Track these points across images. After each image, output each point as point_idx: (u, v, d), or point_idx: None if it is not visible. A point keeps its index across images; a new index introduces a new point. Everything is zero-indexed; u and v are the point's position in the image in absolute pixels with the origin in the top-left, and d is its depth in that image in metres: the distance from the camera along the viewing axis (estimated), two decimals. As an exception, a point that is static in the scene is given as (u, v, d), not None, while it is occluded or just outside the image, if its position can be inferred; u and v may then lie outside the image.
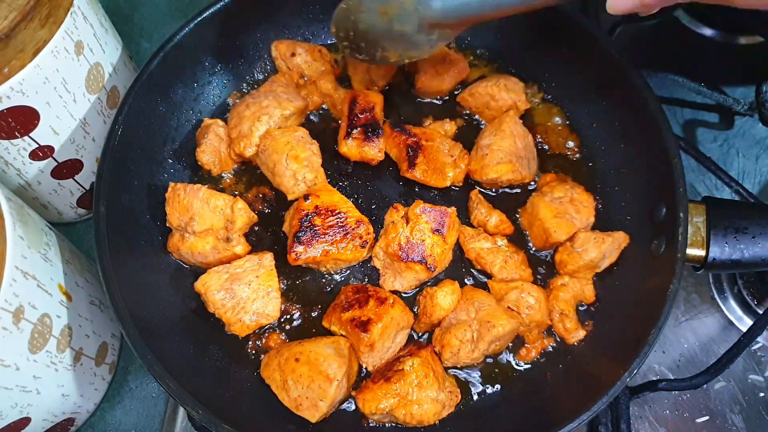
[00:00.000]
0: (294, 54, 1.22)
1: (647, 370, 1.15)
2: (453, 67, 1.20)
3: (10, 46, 0.87)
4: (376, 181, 1.18)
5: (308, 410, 0.93)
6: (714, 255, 0.99)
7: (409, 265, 1.03)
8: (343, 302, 1.01)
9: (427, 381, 0.94)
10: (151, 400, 1.16)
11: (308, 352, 0.96)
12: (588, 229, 1.09)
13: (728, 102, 1.29)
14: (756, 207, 1.04)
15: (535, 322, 1.03)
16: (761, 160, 1.35)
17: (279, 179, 1.11)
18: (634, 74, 1.08)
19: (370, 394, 0.94)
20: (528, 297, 1.03)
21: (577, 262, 1.05)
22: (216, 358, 1.03)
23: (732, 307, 1.21)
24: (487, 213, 1.11)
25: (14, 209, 0.88)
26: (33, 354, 0.89)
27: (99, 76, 1.07)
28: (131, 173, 1.07)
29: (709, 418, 1.13)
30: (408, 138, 1.13)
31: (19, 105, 0.93)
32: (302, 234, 1.02)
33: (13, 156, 1.01)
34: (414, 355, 0.97)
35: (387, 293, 1.02)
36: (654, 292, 0.96)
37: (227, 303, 1.02)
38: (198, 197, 1.04)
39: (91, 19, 1.03)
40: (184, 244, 1.05)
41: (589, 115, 1.20)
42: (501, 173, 1.10)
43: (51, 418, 1.01)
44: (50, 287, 0.92)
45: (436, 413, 0.95)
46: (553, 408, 0.97)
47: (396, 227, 1.04)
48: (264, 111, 1.13)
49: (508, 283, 1.06)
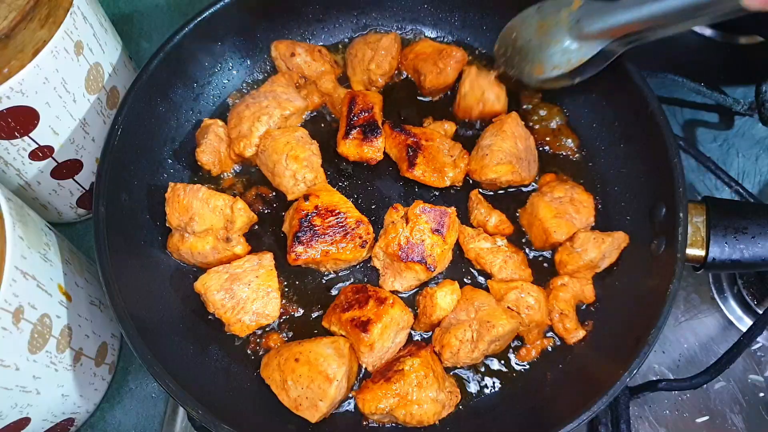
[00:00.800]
0: (294, 54, 1.22)
1: (647, 370, 1.15)
2: (450, 58, 1.20)
3: (9, 47, 0.87)
4: (376, 181, 1.18)
5: (308, 410, 0.93)
6: (714, 255, 0.99)
7: (408, 265, 1.03)
8: (342, 302, 1.01)
9: (426, 381, 0.94)
10: (150, 400, 1.16)
11: (308, 352, 0.96)
12: (588, 229, 1.09)
13: (728, 102, 1.29)
14: (756, 207, 1.04)
15: (534, 322, 1.03)
16: (761, 160, 1.35)
17: (279, 179, 1.11)
18: (634, 74, 1.08)
19: (370, 394, 0.94)
20: (528, 297, 1.03)
21: (576, 262, 1.05)
22: (216, 358, 1.03)
23: (732, 307, 1.21)
24: (486, 213, 1.11)
25: (14, 209, 0.88)
26: (33, 354, 0.89)
27: (99, 76, 1.07)
28: (131, 173, 1.07)
29: (709, 418, 1.13)
30: (408, 138, 1.13)
31: (18, 105, 0.93)
32: (302, 234, 1.02)
33: (12, 156, 1.01)
34: (414, 355, 0.97)
35: (387, 293, 1.02)
36: (654, 292, 0.96)
37: (227, 303, 1.02)
38: (198, 197, 1.04)
39: (91, 19, 1.03)
40: (184, 244, 1.05)
41: (589, 115, 1.20)
42: (500, 174, 1.10)
43: (51, 419, 1.01)
44: (50, 287, 0.92)
45: (435, 413, 0.95)
46: (552, 408, 0.97)
47: (396, 227, 1.04)
48: (264, 111, 1.13)
49: (507, 283, 1.06)
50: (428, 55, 1.21)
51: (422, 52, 1.23)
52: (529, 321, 1.03)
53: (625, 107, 1.12)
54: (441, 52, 1.20)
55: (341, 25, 1.30)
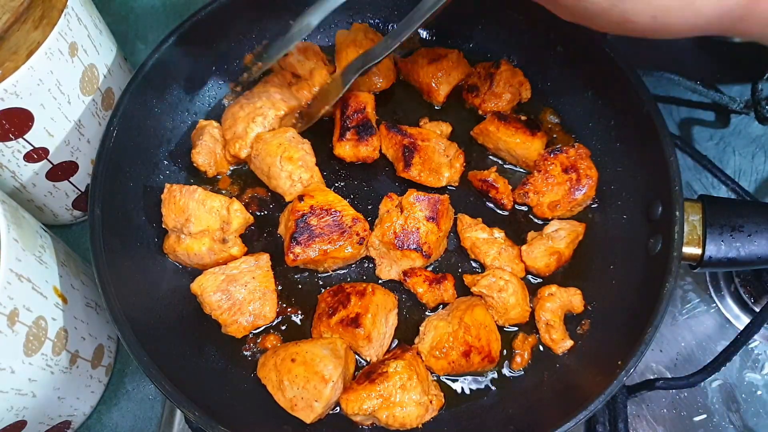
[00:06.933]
0: (287, 53, 1.21)
1: (644, 368, 1.15)
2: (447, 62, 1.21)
3: (3, 48, 0.87)
4: (372, 181, 1.17)
5: (303, 411, 0.93)
6: (710, 253, 0.99)
7: (405, 253, 1.04)
8: (326, 309, 1.01)
9: (410, 383, 0.94)
10: (147, 402, 1.16)
11: (304, 352, 0.96)
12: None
13: (724, 100, 1.29)
14: (752, 205, 1.04)
15: (510, 313, 1.03)
16: (757, 158, 1.35)
17: (275, 182, 1.10)
18: (630, 73, 1.08)
19: (354, 395, 0.93)
20: (499, 281, 1.03)
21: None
22: (212, 359, 1.03)
23: (729, 306, 1.21)
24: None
25: (9, 211, 0.88)
26: (28, 357, 0.88)
27: (93, 77, 1.07)
28: (126, 175, 1.07)
29: (706, 417, 1.13)
30: (404, 138, 1.13)
31: (13, 107, 0.93)
32: (299, 234, 1.02)
33: (7, 158, 1.01)
34: (398, 357, 0.97)
35: (363, 285, 1.02)
36: (650, 290, 0.96)
37: (224, 304, 1.02)
38: (194, 198, 1.04)
39: (85, 20, 1.03)
40: (180, 245, 1.04)
41: (585, 114, 1.20)
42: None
43: (47, 421, 1.00)
44: (45, 290, 0.92)
45: (419, 416, 0.95)
46: (550, 408, 0.97)
47: (390, 216, 1.05)
48: (258, 112, 1.13)
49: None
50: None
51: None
52: (503, 308, 1.03)
53: (621, 106, 1.12)
54: (440, 58, 1.21)
55: (337, 25, 1.29)
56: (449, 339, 0.98)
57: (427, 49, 1.24)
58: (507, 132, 1.13)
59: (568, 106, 1.22)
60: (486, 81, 1.20)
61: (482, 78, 1.21)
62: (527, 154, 1.14)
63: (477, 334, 0.99)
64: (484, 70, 1.22)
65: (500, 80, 1.18)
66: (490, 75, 1.20)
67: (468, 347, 0.98)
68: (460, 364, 0.99)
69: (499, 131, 1.13)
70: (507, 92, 1.19)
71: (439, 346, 0.99)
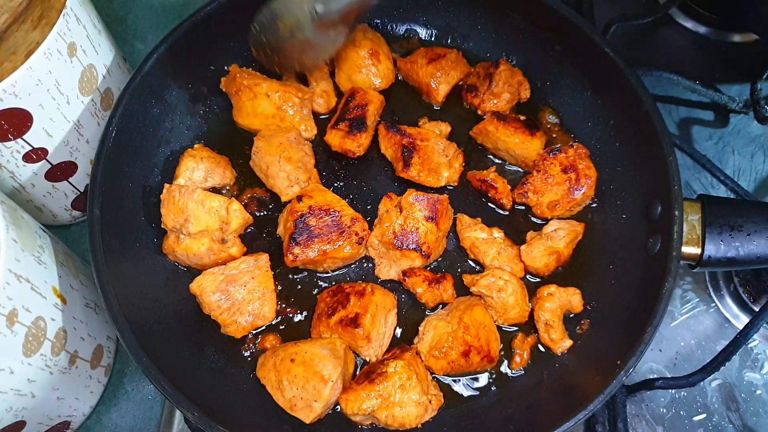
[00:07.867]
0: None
1: (644, 368, 1.15)
2: (446, 62, 1.21)
3: (2, 48, 0.87)
4: (371, 181, 1.18)
5: (302, 411, 0.93)
6: (709, 253, 0.99)
7: (404, 253, 1.04)
8: (325, 309, 1.01)
9: (410, 383, 0.94)
10: (147, 403, 1.16)
11: (303, 352, 0.96)
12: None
13: (723, 100, 1.29)
14: (751, 204, 1.04)
15: (509, 312, 1.03)
16: (756, 157, 1.35)
17: (272, 181, 1.10)
18: (629, 72, 1.08)
19: (353, 395, 0.94)
20: (498, 281, 1.03)
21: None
22: (212, 359, 1.03)
23: (728, 305, 1.21)
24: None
25: (7, 212, 0.88)
26: (27, 357, 0.88)
27: (92, 77, 1.07)
28: (126, 175, 1.07)
29: (705, 416, 1.13)
30: (403, 138, 1.13)
31: (11, 107, 0.93)
32: (298, 235, 1.02)
33: (6, 158, 1.01)
34: (398, 357, 0.97)
35: (362, 285, 1.02)
36: (649, 290, 0.96)
37: (223, 304, 1.02)
38: (193, 199, 1.04)
39: (84, 20, 1.03)
40: (180, 245, 1.04)
41: (584, 113, 1.20)
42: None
43: (46, 422, 1.00)
44: (44, 290, 0.92)
45: (418, 416, 0.95)
46: (549, 407, 0.97)
47: (390, 216, 1.06)
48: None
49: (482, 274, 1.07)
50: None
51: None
52: (502, 307, 1.03)
53: (620, 106, 1.12)
54: (439, 58, 1.21)
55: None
56: (448, 339, 0.99)
57: (426, 49, 1.24)
58: (506, 132, 1.13)
59: (567, 105, 1.22)
60: (485, 81, 1.20)
61: (481, 78, 1.21)
62: (526, 154, 1.14)
63: (476, 333, 0.99)
64: (484, 69, 1.22)
65: (499, 80, 1.18)
66: (489, 75, 1.20)
67: (467, 347, 0.98)
68: (459, 364, 0.99)
69: (499, 131, 1.13)
70: (506, 92, 1.19)
71: (439, 346, 0.99)
